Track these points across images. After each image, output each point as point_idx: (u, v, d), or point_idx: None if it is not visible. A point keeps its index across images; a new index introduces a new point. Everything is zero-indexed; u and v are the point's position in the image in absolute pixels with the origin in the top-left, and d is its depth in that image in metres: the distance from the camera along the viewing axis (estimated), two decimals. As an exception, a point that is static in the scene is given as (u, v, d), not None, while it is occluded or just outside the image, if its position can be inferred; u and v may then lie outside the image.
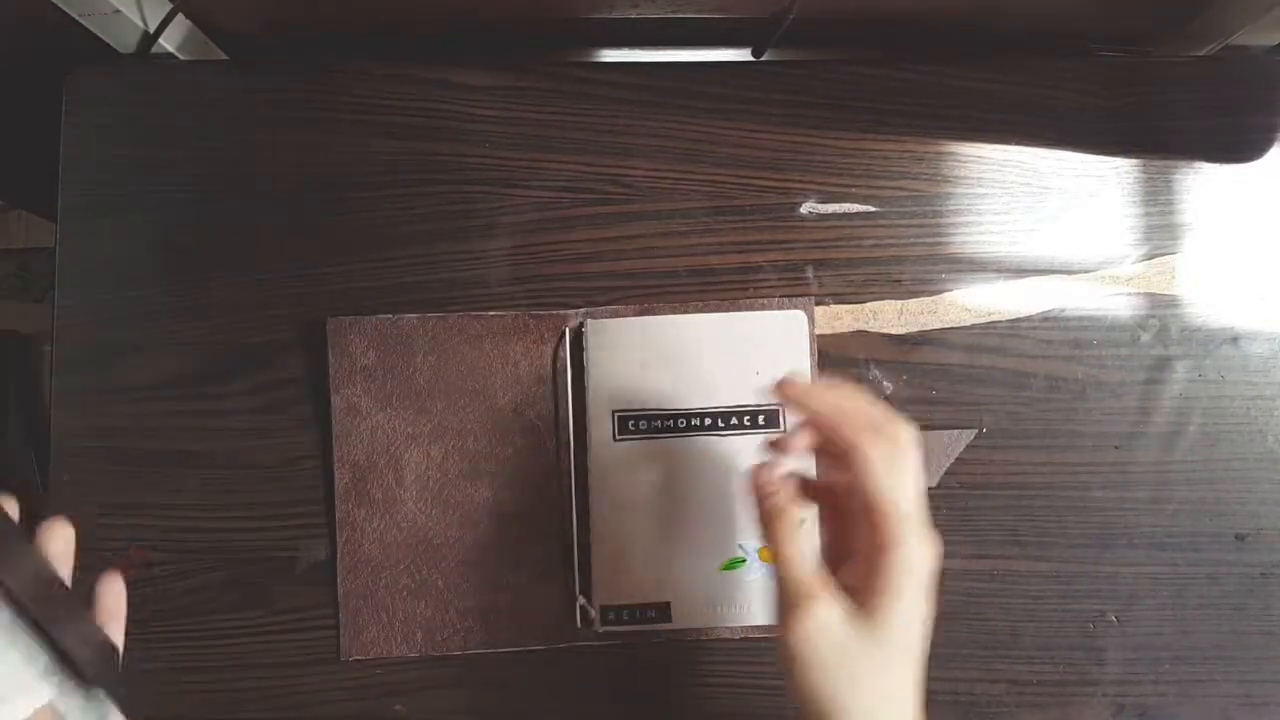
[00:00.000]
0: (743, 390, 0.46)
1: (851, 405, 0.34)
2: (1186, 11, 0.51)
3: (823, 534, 0.37)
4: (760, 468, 0.36)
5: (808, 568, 0.33)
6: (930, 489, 0.47)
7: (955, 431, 0.47)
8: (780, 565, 0.33)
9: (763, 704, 0.46)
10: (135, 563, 0.44)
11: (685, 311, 0.47)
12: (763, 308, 0.47)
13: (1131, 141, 0.49)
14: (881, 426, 0.33)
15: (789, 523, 0.34)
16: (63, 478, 0.46)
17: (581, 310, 0.47)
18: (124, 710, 0.32)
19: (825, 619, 0.31)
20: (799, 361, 0.47)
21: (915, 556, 0.32)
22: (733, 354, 0.47)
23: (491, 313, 0.47)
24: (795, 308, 0.47)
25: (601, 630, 0.45)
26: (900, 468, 0.33)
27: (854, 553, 0.34)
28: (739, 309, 0.47)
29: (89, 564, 0.46)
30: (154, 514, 0.46)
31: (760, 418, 0.46)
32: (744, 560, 0.46)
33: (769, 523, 0.35)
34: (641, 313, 0.47)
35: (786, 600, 0.32)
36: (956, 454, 0.47)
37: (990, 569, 0.46)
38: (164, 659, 0.45)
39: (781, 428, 0.46)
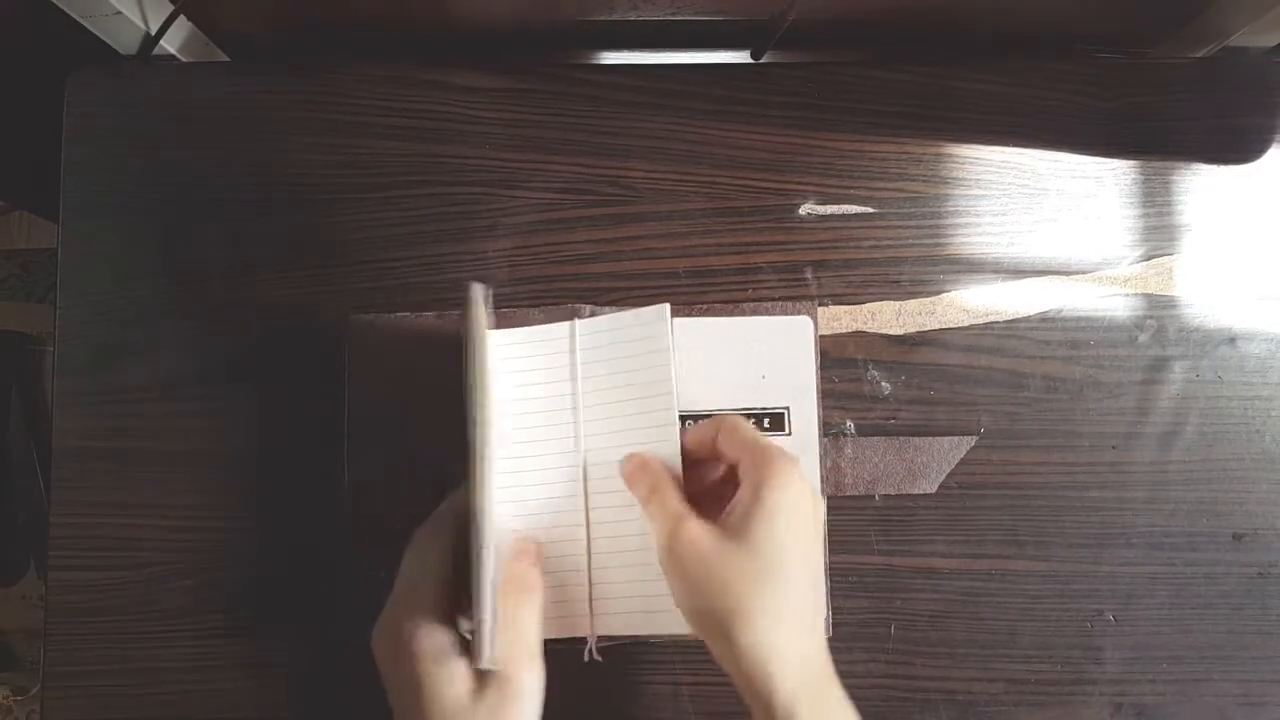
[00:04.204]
0: (748, 394, 0.46)
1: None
2: (1184, 13, 0.51)
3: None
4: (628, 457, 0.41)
5: (679, 501, 0.37)
6: (928, 491, 0.47)
7: (954, 439, 0.47)
8: (654, 506, 0.37)
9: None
10: None
11: (688, 314, 0.47)
12: (765, 312, 0.47)
13: (1129, 143, 0.49)
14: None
15: (662, 476, 0.38)
16: (63, 478, 0.46)
17: (589, 308, 0.47)
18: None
19: (694, 533, 0.35)
20: (803, 366, 0.47)
21: (786, 481, 0.36)
22: (738, 359, 0.47)
23: (506, 309, 0.47)
24: (800, 313, 0.47)
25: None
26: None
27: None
28: (739, 310, 0.47)
29: (89, 564, 0.46)
30: (154, 514, 0.46)
31: (766, 421, 0.46)
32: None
33: (645, 478, 0.39)
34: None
35: (661, 529, 0.36)
36: (956, 461, 0.47)
37: (988, 569, 0.47)
38: (164, 659, 0.45)
39: (787, 431, 0.46)
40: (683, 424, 0.46)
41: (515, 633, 0.37)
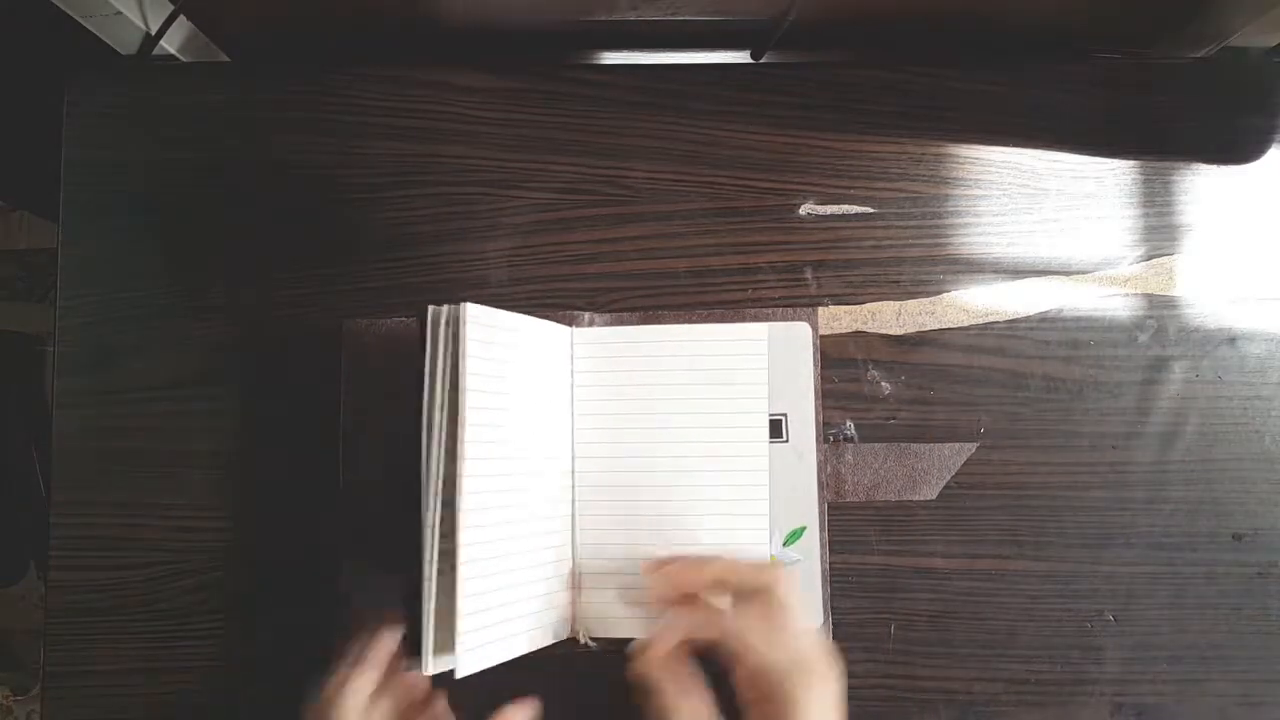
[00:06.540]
0: None
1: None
2: (1184, 14, 0.51)
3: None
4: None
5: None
6: (929, 498, 0.47)
7: (955, 445, 0.47)
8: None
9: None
10: None
11: (690, 318, 0.47)
12: (765, 318, 0.47)
13: (1129, 143, 0.49)
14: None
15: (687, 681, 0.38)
16: (63, 478, 0.46)
17: (587, 314, 0.47)
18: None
19: None
20: (801, 372, 0.47)
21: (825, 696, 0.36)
22: None
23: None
24: (799, 319, 0.47)
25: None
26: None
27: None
28: (739, 311, 0.47)
29: (89, 564, 0.46)
30: (154, 514, 0.46)
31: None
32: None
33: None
34: (644, 320, 0.47)
35: None
36: (956, 468, 0.47)
37: (988, 569, 0.47)
38: (164, 659, 0.46)
39: (784, 438, 0.46)
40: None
41: None
